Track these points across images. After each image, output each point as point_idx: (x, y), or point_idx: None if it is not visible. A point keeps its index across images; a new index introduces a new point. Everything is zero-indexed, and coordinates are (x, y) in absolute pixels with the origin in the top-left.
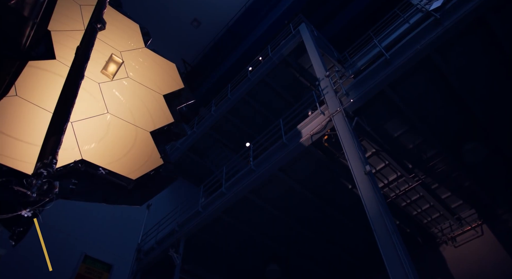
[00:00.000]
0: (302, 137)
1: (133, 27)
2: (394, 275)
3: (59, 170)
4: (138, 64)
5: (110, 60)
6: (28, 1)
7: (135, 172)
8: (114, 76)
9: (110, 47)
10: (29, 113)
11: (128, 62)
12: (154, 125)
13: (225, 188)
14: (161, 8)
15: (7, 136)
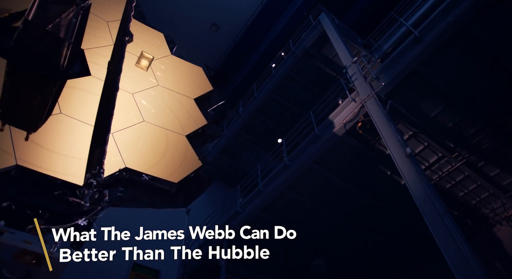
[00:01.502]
0: (335, 127)
1: (158, 36)
2: (453, 260)
3: (106, 179)
4: (166, 71)
5: (141, 56)
6: (63, 23)
7: (176, 176)
8: (148, 68)
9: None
10: (73, 129)
11: (156, 70)
12: (188, 128)
13: (261, 186)
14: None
15: (57, 154)
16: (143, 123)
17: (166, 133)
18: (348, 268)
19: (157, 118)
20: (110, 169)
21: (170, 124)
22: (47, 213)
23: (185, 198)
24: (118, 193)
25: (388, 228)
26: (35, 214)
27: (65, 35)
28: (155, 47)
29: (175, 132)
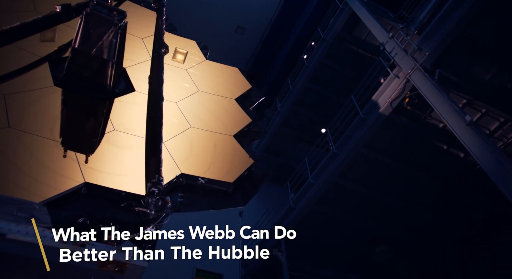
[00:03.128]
0: (380, 107)
1: (191, 44)
2: None
3: (165, 186)
4: (204, 76)
5: (176, 52)
6: (105, 45)
7: (230, 176)
8: (184, 61)
9: (175, 68)
10: (128, 143)
11: (195, 76)
12: (234, 128)
13: (312, 178)
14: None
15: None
16: (191, 129)
17: (214, 136)
18: (412, 251)
19: (203, 123)
20: (167, 177)
21: (216, 127)
22: (118, 224)
23: (242, 196)
24: (179, 198)
25: (450, 207)
26: (107, 226)
27: (108, 56)
28: (190, 54)
29: (222, 134)
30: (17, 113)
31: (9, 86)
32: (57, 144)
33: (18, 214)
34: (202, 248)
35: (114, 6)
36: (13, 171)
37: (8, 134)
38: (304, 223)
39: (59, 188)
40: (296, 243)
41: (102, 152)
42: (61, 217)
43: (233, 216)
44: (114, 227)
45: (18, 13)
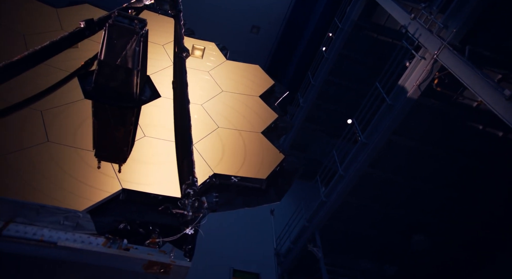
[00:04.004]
0: (408, 91)
1: (211, 46)
2: None
3: (199, 187)
4: (227, 76)
5: (193, 49)
6: (129, 54)
7: (262, 172)
8: (203, 56)
9: (197, 70)
10: (158, 148)
11: (217, 77)
12: (262, 125)
13: (342, 170)
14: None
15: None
16: (218, 130)
17: (242, 134)
18: (450, 241)
19: (230, 122)
20: (200, 178)
21: (243, 125)
22: (157, 228)
23: (276, 192)
24: (214, 198)
25: (492, 190)
26: (147, 230)
27: (133, 65)
28: (211, 57)
29: (250, 131)
30: (54, 127)
31: (44, 103)
32: (93, 154)
33: (64, 223)
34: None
35: (134, 16)
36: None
37: (48, 148)
38: (337, 216)
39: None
40: (330, 237)
41: (135, 158)
42: (104, 224)
43: (265, 215)
44: (153, 230)
45: (46, 33)
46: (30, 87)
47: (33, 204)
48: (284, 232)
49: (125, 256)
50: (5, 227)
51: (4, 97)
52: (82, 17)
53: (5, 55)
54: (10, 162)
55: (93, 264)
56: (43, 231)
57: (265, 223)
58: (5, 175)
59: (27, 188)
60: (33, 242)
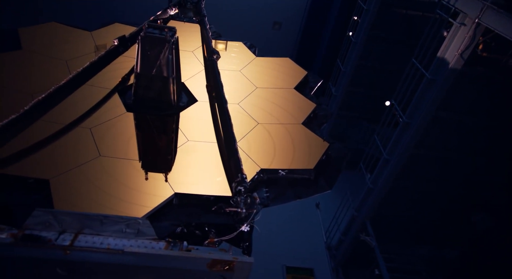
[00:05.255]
0: (449, 62)
1: (239, 46)
2: None
3: (248, 184)
4: (259, 73)
5: (216, 43)
6: (163, 62)
7: (309, 162)
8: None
9: (229, 71)
10: (202, 150)
11: (250, 75)
12: (301, 116)
13: (386, 154)
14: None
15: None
16: (259, 126)
17: (283, 127)
18: None
19: (268, 117)
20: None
21: (282, 119)
22: (213, 228)
23: (326, 180)
24: (265, 193)
25: None
26: (203, 231)
27: (168, 73)
28: (240, 56)
29: (290, 124)
30: (104, 142)
31: (92, 121)
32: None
33: (127, 230)
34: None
35: (164, 25)
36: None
37: (101, 162)
38: (387, 202)
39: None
40: (382, 224)
41: (182, 163)
42: (162, 229)
43: (311, 209)
44: (210, 230)
45: (84, 56)
46: (77, 108)
47: (97, 215)
48: (333, 224)
49: (189, 256)
50: (76, 239)
51: (55, 119)
52: (114, 36)
53: (52, 82)
54: (69, 179)
55: (159, 266)
56: (109, 240)
57: (312, 217)
58: (66, 192)
59: (86, 202)
60: (102, 250)
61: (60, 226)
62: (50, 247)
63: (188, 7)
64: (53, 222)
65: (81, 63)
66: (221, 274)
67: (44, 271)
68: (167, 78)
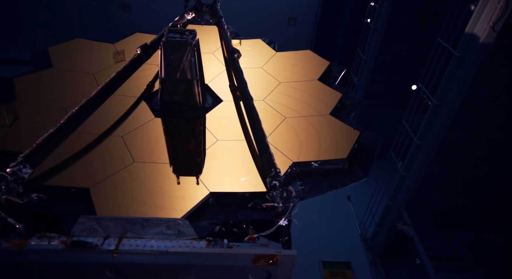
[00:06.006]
0: (480, 37)
1: (258, 43)
2: None
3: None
4: (281, 68)
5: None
6: (186, 65)
7: (342, 152)
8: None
9: (251, 69)
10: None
11: (272, 70)
12: (328, 107)
13: (418, 139)
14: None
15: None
16: (286, 120)
17: (311, 119)
18: None
19: (295, 111)
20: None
21: (309, 111)
22: (250, 225)
23: (361, 168)
24: (299, 186)
25: None
26: (241, 228)
27: (192, 75)
28: (260, 52)
29: (318, 115)
30: (137, 148)
31: (122, 129)
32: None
33: (167, 232)
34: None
35: (184, 28)
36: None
37: (136, 167)
38: (422, 189)
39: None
40: (419, 212)
41: (214, 163)
42: (201, 228)
43: (342, 202)
44: (248, 227)
45: (110, 67)
46: (108, 118)
47: (138, 219)
48: (367, 216)
49: (232, 253)
50: (120, 243)
51: (89, 130)
52: (136, 45)
53: (82, 95)
54: (108, 185)
55: (203, 264)
56: (151, 242)
57: (344, 210)
58: (106, 198)
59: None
60: (147, 252)
61: (104, 231)
62: (98, 251)
63: (204, 10)
64: (98, 228)
65: (108, 74)
66: (266, 268)
67: (93, 274)
68: (191, 81)
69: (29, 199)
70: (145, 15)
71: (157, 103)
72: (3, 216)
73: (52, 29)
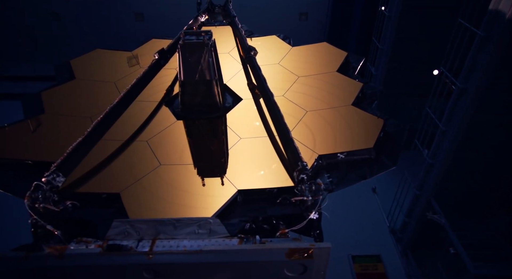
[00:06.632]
0: (506, 13)
1: (273, 39)
2: None
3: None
4: (298, 61)
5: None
6: (204, 66)
7: (367, 141)
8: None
9: (268, 65)
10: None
11: (289, 65)
12: (350, 98)
13: (443, 125)
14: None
15: None
16: (308, 114)
17: (333, 111)
18: None
19: (317, 104)
20: None
21: (330, 103)
22: (280, 220)
23: (388, 157)
24: (327, 179)
25: None
26: (272, 224)
27: (210, 75)
28: (276, 48)
29: (340, 106)
30: (162, 152)
31: (146, 134)
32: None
33: (199, 231)
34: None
35: (199, 30)
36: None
37: (163, 170)
38: (450, 177)
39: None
40: (449, 201)
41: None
42: (231, 226)
43: (367, 195)
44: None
45: (130, 75)
46: (131, 124)
47: (169, 220)
48: (394, 207)
49: (266, 248)
50: (153, 244)
51: (114, 137)
52: (153, 51)
53: (105, 103)
54: (138, 189)
55: (238, 261)
56: (184, 242)
57: (370, 203)
58: (136, 204)
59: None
60: (182, 252)
61: (137, 234)
62: (134, 253)
63: (216, 11)
64: (131, 231)
65: (128, 81)
66: (301, 262)
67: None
68: (210, 81)
69: (64, 206)
70: (157, 23)
71: (178, 106)
72: (42, 223)
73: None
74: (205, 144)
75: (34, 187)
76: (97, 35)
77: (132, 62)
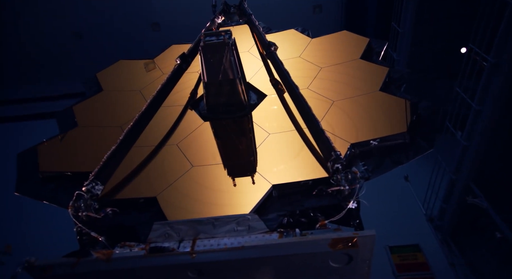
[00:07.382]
0: None
1: (292, 34)
2: None
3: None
4: (319, 53)
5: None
6: (226, 66)
7: (400, 126)
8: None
9: (289, 59)
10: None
11: (311, 57)
12: (377, 84)
13: (476, 104)
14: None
15: None
16: (335, 103)
17: (360, 99)
18: None
19: (342, 93)
20: None
21: (357, 91)
22: (318, 212)
23: (424, 140)
24: (362, 167)
25: None
26: (309, 217)
27: (233, 74)
28: (296, 42)
29: (367, 93)
30: (193, 154)
31: (176, 137)
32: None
33: (238, 229)
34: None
35: (219, 30)
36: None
37: (196, 172)
38: (489, 159)
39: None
40: (489, 183)
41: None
42: (269, 222)
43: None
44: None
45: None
46: (160, 129)
47: (208, 219)
48: (429, 194)
49: (308, 240)
50: (194, 244)
51: (145, 143)
52: (175, 56)
53: (134, 111)
54: (173, 191)
55: (281, 255)
56: (224, 240)
57: (403, 191)
58: (173, 206)
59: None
60: (224, 249)
61: (178, 235)
62: (177, 254)
63: (232, 11)
64: (171, 232)
65: (153, 89)
66: (346, 252)
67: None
68: (234, 80)
69: (104, 213)
70: (174, 30)
71: (204, 108)
72: (87, 231)
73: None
74: (233, 144)
75: (76, 196)
76: (118, 49)
77: (149, 67)
